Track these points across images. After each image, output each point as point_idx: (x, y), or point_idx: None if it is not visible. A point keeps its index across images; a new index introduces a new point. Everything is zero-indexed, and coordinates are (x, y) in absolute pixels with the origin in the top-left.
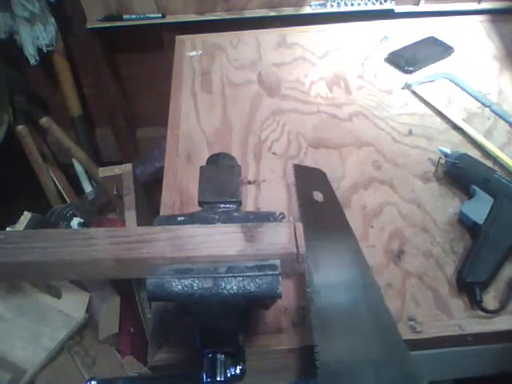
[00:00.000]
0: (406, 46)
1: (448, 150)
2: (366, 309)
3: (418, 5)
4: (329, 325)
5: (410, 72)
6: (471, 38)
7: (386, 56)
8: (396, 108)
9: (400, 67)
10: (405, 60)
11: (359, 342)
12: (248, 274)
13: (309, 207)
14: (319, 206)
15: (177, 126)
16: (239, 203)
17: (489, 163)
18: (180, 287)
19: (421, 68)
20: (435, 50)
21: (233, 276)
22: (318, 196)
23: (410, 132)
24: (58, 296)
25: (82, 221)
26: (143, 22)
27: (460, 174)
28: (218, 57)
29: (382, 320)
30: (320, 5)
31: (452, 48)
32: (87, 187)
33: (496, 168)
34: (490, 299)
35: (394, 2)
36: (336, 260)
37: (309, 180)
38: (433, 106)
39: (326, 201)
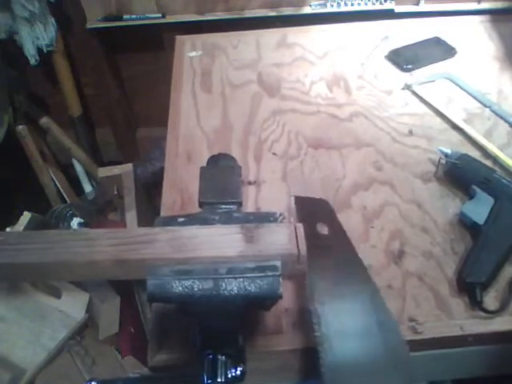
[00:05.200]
0: (409, 45)
1: (448, 151)
2: (384, 357)
3: (417, 5)
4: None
5: (409, 70)
6: (471, 38)
7: (386, 54)
8: (396, 108)
9: (399, 65)
10: (404, 58)
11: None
12: (248, 275)
13: (313, 244)
14: (324, 240)
15: (177, 126)
16: (239, 204)
17: (489, 163)
18: (180, 288)
19: (420, 67)
20: (437, 50)
21: (233, 277)
22: (323, 229)
23: (410, 132)
24: (58, 296)
25: (82, 221)
26: (143, 22)
27: (460, 175)
28: (218, 57)
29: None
30: (320, 5)
31: (455, 49)
32: (87, 187)
33: (496, 168)
34: (491, 300)
35: (393, 1)
36: (348, 305)
37: (311, 212)
38: (433, 107)
39: (332, 234)
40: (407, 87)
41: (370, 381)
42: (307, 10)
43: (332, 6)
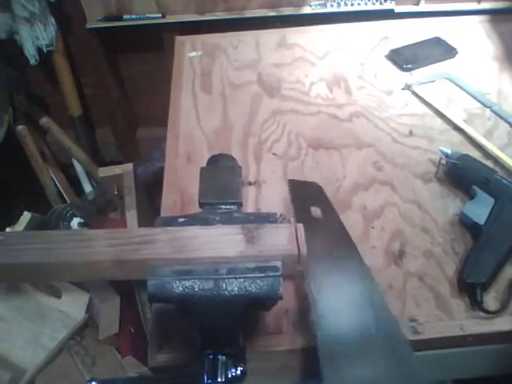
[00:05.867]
0: (409, 45)
1: (448, 151)
2: (377, 333)
3: (417, 5)
4: (338, 353)
5: (408, 70)
6: (471, 38)
7: (386, 53)
8: (396, 108)
9: (398, 65)
10: (404, 58)
11: (372, 369)
12: (249, 275)
13: (307, 226)
14: (318, 223)
15: (177, 127)
16: (240, 204)
17: (489, 164)
18: (181, 288)
19: (420, 67)
20: (438, 50)
21: (234, 277)
22: (316, 212)
23: (411, 132)
24: (58, 296)
25: (82, 221)
26: (143, 22)
27: (461, 175)
28: (218, 57)
29: (396, 344)
30: (320, 5)
31: (455, 49)
32: (87, 187)
33: (497, 169)
34: (491, 300)
35: (393, 1)
36: (341, 283)
37: (305, 195)
38: (433, 107)
39: (325, 217)
40: (407, 87)
41: (363, 356)
42: (307, 10)
43: (332, 6)
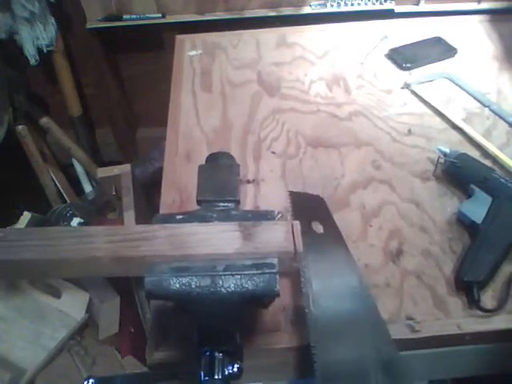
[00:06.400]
0: (409, 44)
1: (447, 150)
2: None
3: (417, 5)
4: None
5: (408, 69)
6: (471, 38)
7: (386, 52)
8: (395, 107)
9: (398, 64)
10: (404, 57)
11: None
12: (246, 272)
13: (308, 241)
14: (319, 238)
15: (176, 126)
16: (237, 202)
17: (488, 163)
18: (178, 285)
19: (419, 66)
20: (437, 49)
21: (231, 274)
22: (317, 227)
23: (410, 131)
24: (58, 296)
25: (82, 221)
26: (143, 22)
27: (459, 174)
28: (217, 56)
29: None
30: (320, 5)
31: (455, 49)
32: (87, 187)
33: (495, 168)
34: (488, 298)
35: (393, 1)
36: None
37: (306, 208)
38: (432, 106)
39: (326, 232)
40: (406, 86)
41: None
42: (307, 9)
43: (332, 6)
